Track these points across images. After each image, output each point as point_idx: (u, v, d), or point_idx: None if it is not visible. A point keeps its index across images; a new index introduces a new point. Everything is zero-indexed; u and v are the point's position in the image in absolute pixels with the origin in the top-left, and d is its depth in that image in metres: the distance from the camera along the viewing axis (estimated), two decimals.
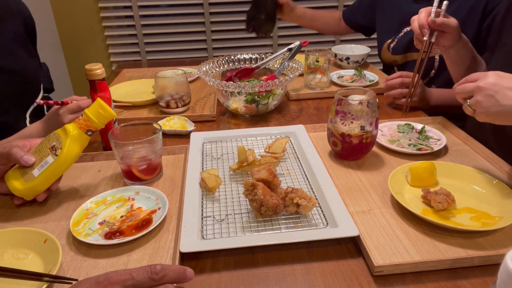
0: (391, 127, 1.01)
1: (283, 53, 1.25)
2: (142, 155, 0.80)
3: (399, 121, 1.03)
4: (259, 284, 0.60)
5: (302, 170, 0.86)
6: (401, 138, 0.94)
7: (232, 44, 2.61)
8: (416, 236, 0.66)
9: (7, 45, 1.03)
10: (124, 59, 2.59)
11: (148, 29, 2.53)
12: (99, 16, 2.48)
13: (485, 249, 0.62)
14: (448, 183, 0.78)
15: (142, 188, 0.79)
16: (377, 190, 0.78)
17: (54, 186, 0.76)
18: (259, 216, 0.70)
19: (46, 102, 0.94)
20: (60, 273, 0.60)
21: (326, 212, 0.72)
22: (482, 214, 0.69)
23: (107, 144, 0.97)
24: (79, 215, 0.71)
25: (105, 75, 0.92)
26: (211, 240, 0.66)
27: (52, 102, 0.94)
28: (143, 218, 0.71)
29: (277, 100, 1.17)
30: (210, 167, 0.88)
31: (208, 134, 1.01)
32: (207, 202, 0.76)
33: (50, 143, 0.74)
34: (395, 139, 0.95)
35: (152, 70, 1.58)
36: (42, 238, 0.64)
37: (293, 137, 0.99)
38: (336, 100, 0.85)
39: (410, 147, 0.91)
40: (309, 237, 0.65)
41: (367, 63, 1.57)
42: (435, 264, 0.60)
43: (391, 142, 0.93)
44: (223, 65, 1.28)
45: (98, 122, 0.75)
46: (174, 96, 1.16)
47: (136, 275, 0.48)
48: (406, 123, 1.01)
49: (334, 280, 0.59)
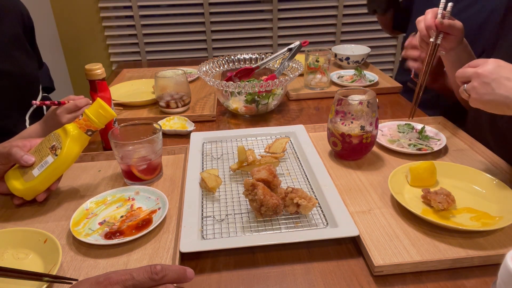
0: (391, 127, 1.01)
1: (283, 53, 1.25)
2: (142, 155, 0.80)
3: (399, 121, 1.03)
4: (259, 284, 0.60)
5: (302, 170, 0.86)
6: (401, 138, 0.94)
7: (232, 44, 2.61)
8: (416, 236, 0.66)
9: (4, 47, 1.02)
10: (124, 59, 2.59)
11: (148, 29, 2.53)
12: (99, 16, 2.48)
13: (485, 249, 0.62)
14: (448, 183, 0.78)
15: (142, 188, 0.79)
16: (377, 190, 0.78)
17: (54, 186, 0.76)
18: (259, 216, 0.70)
19: (42, 102, 0.94)
20: (60, 273, 0.60)
21: (326, 212, 0.72)
22: (482, 214, 0.69)
23: (107, 144, 0.97)
24: (79, 215, 0.71)
25: (105, 75, 0.92)
26: (211, 240, 0.66)
27: (48, 103, 0.94)
28: (143, 218, 0.71)
29: (277, 100, 1.17)
30: (210, 167, 0.88)
31: (208, 134, 1.01)
32: (207, 202, 0.76)
33: (50, 143, 0.74)
34: (395, 139, 0.94)
35: (152, 70, 1.58)
36: (42, 238, 0.64)
37: (293, 137, 0.99)
38: (336, 100, 0.85)
39: (410, 147, 0.91)
40: (309, 237, 0.65)
41: (367, 63, 1.57)
42: (435, 264, 0.60)
43: (391, 142, 0.93)
44: (223, 65, 1.28)
45: (98, 122, 0.75)
46: (174, 96, 1.16)
47: (136, 275, 0.48)
48: (406, 123, 1.01)
49: (334, 280, 0.59)
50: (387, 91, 1.33)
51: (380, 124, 1.00)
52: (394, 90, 1.33)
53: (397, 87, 1.34)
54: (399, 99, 1.29)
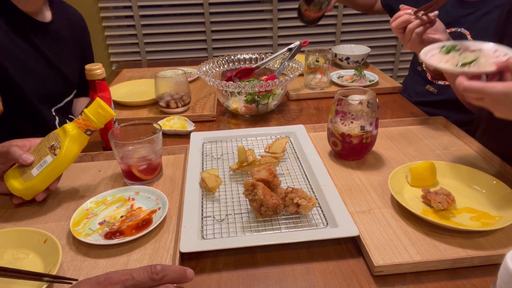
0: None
1: (283, 53, 1.24)
2: (142, 155, 0.80)
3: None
4: (259, 284, 0.60)
5: (302, 170, 0.86)
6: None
7: (232, 44, 2.61)
8: (416, 236, 0.66)
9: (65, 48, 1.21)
10: (124, 59, 2.59)
11: (148, 29, 2.53)
12: (99, 16, 2.48)
13: (485, 249, 0.62)
14: (448, 183, 0.78)
15: (142, 188, 0.79)
16: (377, 190, 0.78)
17: (53, 185, 0.76)
18: (259, 216, 0.70)
19: None
20: (60, 273, 0.60)
21: (326, 212, 0.72)
22: (482, 214, 0.69)
23: (107, 144, 0.97)
24: (79, 215, 0.71)
25: (105, 75, 0.92)
26: (211, 240, 0.66)
27: None
28: (143, 218, 0.71)
29: (277, 100, 1.17)
30: (210, 167, 0.88)
31: (208, 134, 1.01)
32: (207, 202, 0.76)
33: (49, 142, 0.74)
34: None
35: (152, 70, 1.58)
36: (42, 238, 0.64)
37: (293, 137, 0.99)
38: (336, 100, 0.85)
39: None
40: (309, 237, 0.65)
41: (367, 63, 1.57)
42: (435, 264, 0.60)
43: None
44: (223, 65, 1.28)
45: (97, 122, 0.75)
46: (174, 96, 1.16)
47: (137, 275, 0.48)
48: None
49: (334, 280, 0.59)
50: (387, 91, 1.33)
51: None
52: (394, 90, 1.33)
53: (397, 87, 1.33)
54: (399, 99, 1.29)
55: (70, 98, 1.26)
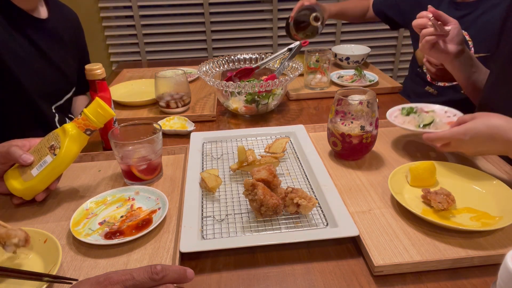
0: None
1: (283, 53, 1.25)
2: (142, 155, 0.80)
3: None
4: (259, 284, 0.60)
5: (302, 170, 0.86)
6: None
7: (232, 44, 2.61)
8: (416, 236, 0.66)
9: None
10: (124, 59, 2.59)
11: (148, 29, 2.53)
12: (99, 16, 2.48)
13: (485, 249, 0.62)
14: (448, 183, 0.78)
15: (142, 188, 0.79)
16: (377, 190, 0.78)
17: (53, 185, 0.76)
18: (259, 216, 0.70)
19: None
20: (60, 273, 0.60)
21: (326, 212, 0.72)
22: (482, 214, 0.69)
23: (107, 144, 0.97)
24: (79, 215, 0.71)
25: (105, 75, 0.92)
26: (211, 240, 0.66)
27: None
28: (143, 218, 0.71)
29: (277, 100, 1.17)
30: (210, 167, 0.88)
31: (208, 134, 1.01)
32: (207, 202, 0.76)
33: (49, 142, 0.74)
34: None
35: (152, 70, 1.58)
36: (42, 238, 0.64)
37: (293, 137, 0.99)
38: (336, 100, 0.85)
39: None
40: (309, 237, 0.65)
41: (367, 63, 1.57)
42: (435, 264, 0.60)
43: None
44: (223, 65, 1.28)
45: (97, 122, 0.75)
46: (174, 96, 1.16)
47: (137, 275, 0.48)
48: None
49: (334, 280, 0.59)
50: (387, 91, 1.33)
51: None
52: (394, 90, 1.33)
53: (397, 87, 1.33)
54: (399, 99, 1.29)
55: (69, 95, 1.26)
